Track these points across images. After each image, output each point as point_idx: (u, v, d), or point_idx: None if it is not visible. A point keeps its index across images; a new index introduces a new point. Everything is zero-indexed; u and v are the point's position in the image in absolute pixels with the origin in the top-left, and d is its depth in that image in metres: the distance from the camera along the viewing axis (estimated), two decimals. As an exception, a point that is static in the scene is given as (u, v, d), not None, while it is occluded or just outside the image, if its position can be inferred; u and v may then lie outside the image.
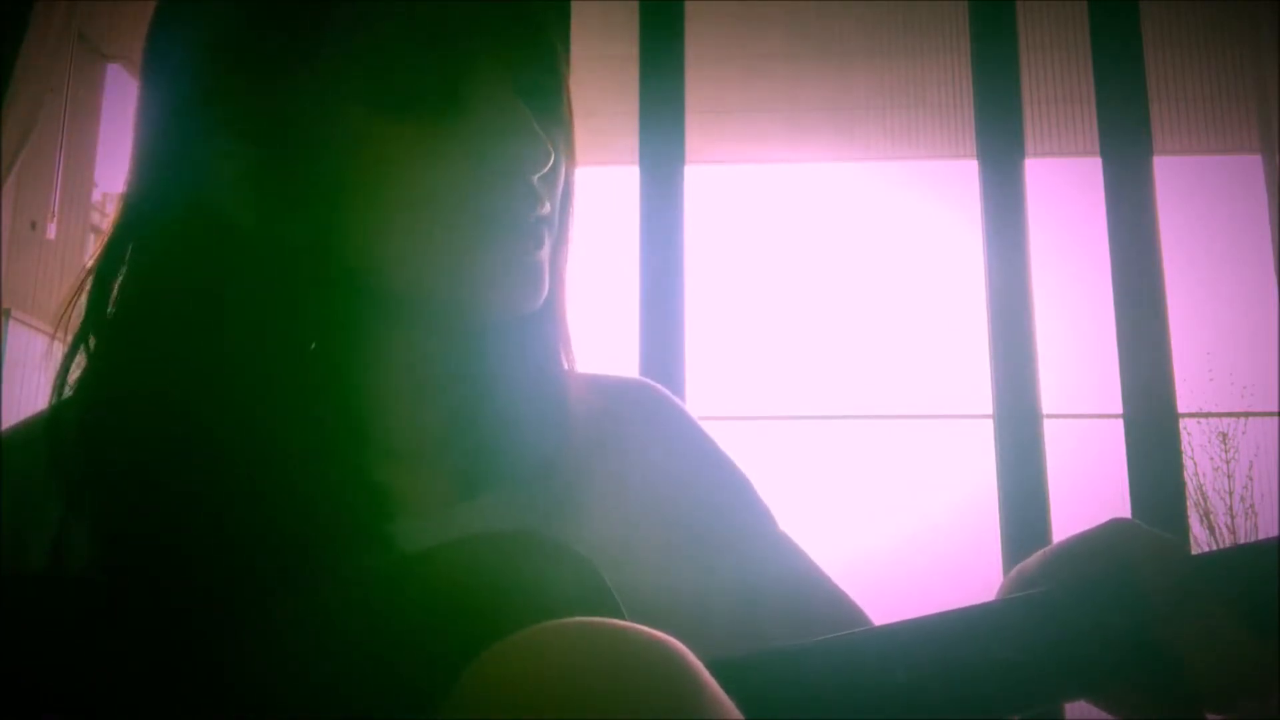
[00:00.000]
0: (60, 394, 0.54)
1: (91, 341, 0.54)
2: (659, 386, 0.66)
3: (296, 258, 0.53)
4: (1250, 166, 3.15)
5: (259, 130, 0.53)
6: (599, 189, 2.98)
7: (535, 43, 0.56)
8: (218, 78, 0.53)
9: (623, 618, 0.37)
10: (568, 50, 0.61)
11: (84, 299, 0.54)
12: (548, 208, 0.56)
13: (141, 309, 0.53)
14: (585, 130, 0.63)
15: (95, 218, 3.49)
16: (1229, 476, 3.45)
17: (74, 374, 0.54)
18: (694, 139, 2.80)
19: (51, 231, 3.19)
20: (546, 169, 0.55)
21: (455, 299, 0.54)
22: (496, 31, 0.55)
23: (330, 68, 0.52)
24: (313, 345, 0.53)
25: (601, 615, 0.34)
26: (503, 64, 0.55)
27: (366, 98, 0.52)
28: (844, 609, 0.63)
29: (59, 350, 0.54)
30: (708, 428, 0.67)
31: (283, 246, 0.53)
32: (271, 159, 0.53)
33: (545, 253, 0.56)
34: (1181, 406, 2.57)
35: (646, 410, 0.65)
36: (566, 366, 0.61)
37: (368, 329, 0.56)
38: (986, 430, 2.61)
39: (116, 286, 0.54)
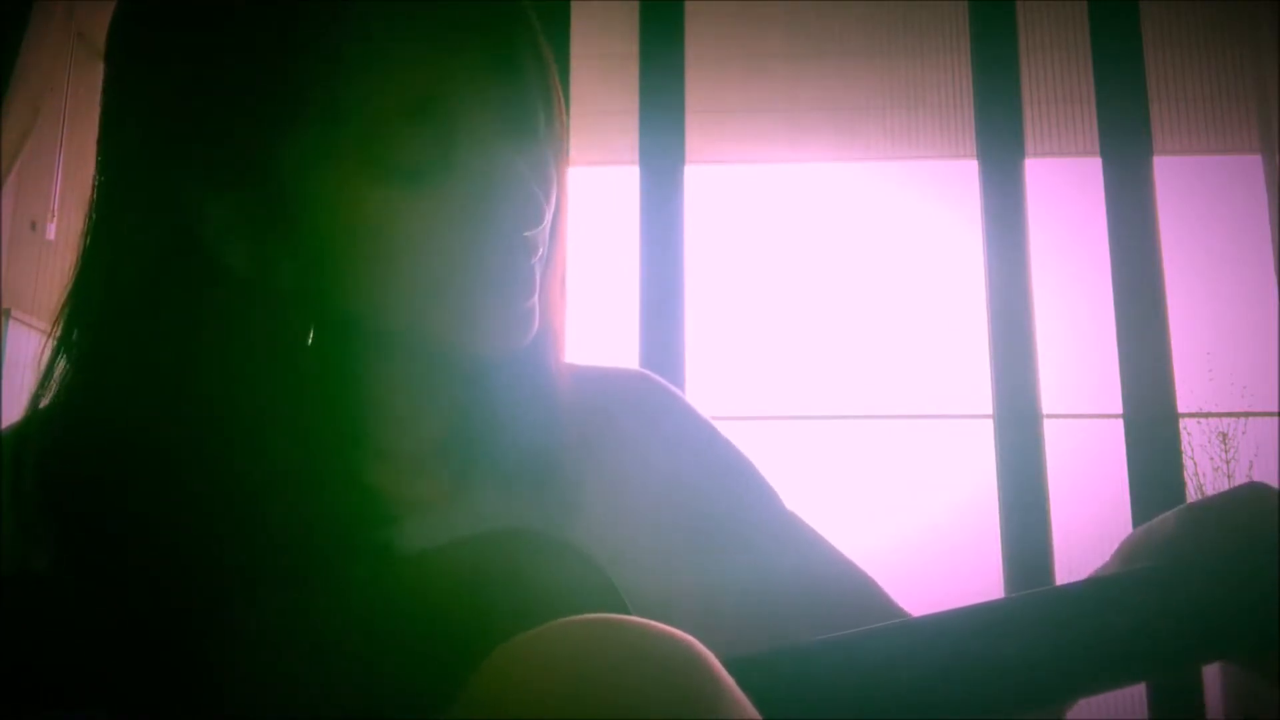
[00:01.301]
0: (35, 406, 0.54)
1: (77, 351, 0.53)
2: (656, 377, 0.66)
3: (287, 293, 0.52)
4: (1250, 166, 3.15)
5: (244, 185, 0.52)
6: (599, 189, 2.98)
7: (525, 87, 0.55)
8: (199, 133, 0.52)
9: (629, 615, 0.36)
10: (566, 50, 0.61)
11: (67, 309, 0.54)
12: (541, 252, 0.56)
13: (128, 326, 0.52)
14: (585, 130, 0.63)
15: (95, 218, 3.48)
16: (1229, 477, 3.45)
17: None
18: (694, 139, 2.80)
19: (51, 231, 3.19)
20: (541, 225, 0.54)
21: (447, 342, 0.54)
22: (485, 90, 0.53)
23: (316, 132, 0.51)
24: (303, 368, 0.53)
25: (607, 612, 0.34)
26: (492, 114, 0.53)
27: (353, 167, 0.51)
28: (860, 587, 0.62)
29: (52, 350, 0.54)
30: (707, 425, 0.67)
31: (274, 284, 0.52)
32: (260, 210, 0.52)
33: (535, 301, 0.56)
34: (1181, 406, 2.56)
35: (644, 404, 0.64)
36: (558, 365, 0.61)
37: (361, 351, 0.56)
38: (986, 430, 2.60)
39: (97, 311, 0.53)
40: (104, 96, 0.55)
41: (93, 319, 0.53)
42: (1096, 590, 0.46)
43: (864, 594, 0.63)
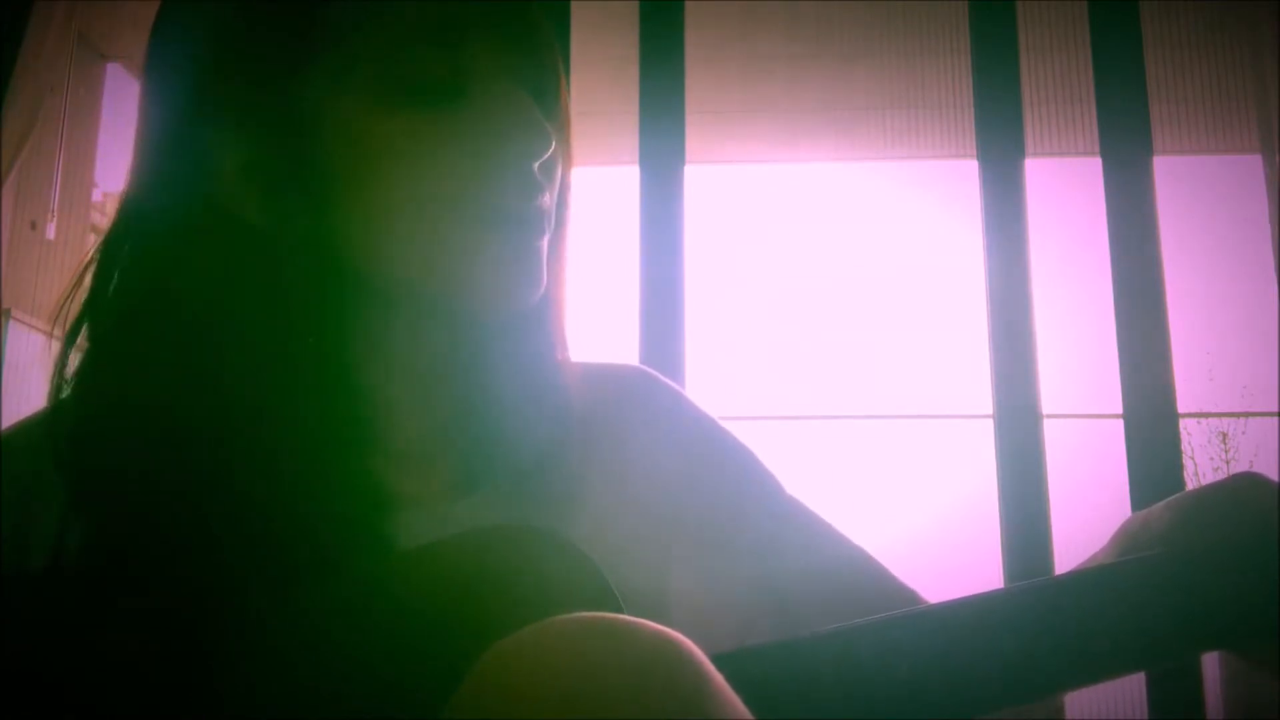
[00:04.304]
0: (58, 389, 0.54)
1: (88, 336, 0.54)
2: (653, 373, 0.66)
3: (300, 251, 0.53)
4: (1250, 166, 3.15)
5: (263, 123, 0.53)
6: (599, 189, 2.98)
7: (533, 38, 0.57)
8: (222, 71, 0.54)
9: (621, 612, 0.36)
10: (566, 50, 0.62)
11: (82, 294, 0.54)
12: (548, 198, 0.56)
13: (142, 304, 0.53)
14: (585, 130, 0.63)
15: (95, 218, 3.49)
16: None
17: (72, 367, 0.54)
18: (694, 139, 2.80)
19: (51, 231, 3.19)
20: (546, 156, 0.55)
21: (455, 291, 0.54)
22: (497, 25, 0.55)
23: (334, 60, 0.52)
24: (311, 340, 0.53)
25: (601, 610, 0.34)
26: (503, 57, 0.55)
27: (370, 89, 0.52)
28: (869, 570, 0.62)
29: (57, 347, 0.54)
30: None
31: (287, 240, 0.53)
32: (276, 152, 0.53)
33: (544, 242, 0.56)
34: (1181, 406, 2.56)
35: (644, 399, 0.65)
36: (562, 359, 0.61)
37: (368, 324, 0.56)
38: (986, 430, 2.61)
39: (116, 281, 0.54)
40: (145, 64, 0.57)
41: (116, 290, 0.54)
42: (1095, 579, 0.46)
43: (873, 577, 0.63)
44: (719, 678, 0.32)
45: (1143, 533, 0.51)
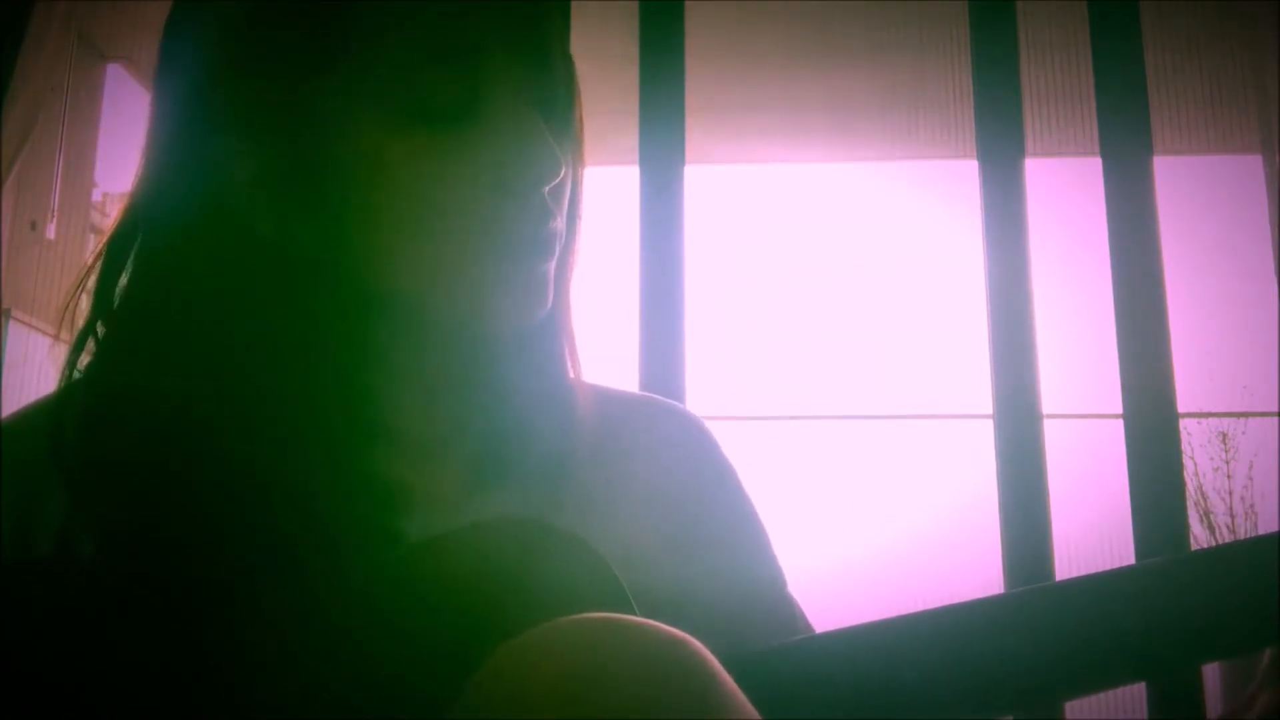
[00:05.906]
0: (66, 385, 0.54)
1: (98, 332, 0.54)
2: (691, 413, 0.65)
3: (307, 262, 0.53)
4: (1250, 166, 3.16)
5: (276, 133, 0.53)
6: (599, 189, 2.97)
7: (551, 58, 0.57)
8: (236, 79, 0.54)
9: (633, 612, 0.36)
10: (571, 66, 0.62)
11: (89, 293, 0.55)
12: (558, 222, 0.56)
13: (150, 304, 0.53)
14: (585, 130, 0.63)
15: (95, 218, 3.49)
16: (1229, 477, 3.46)
17: (80, 363, 0.54)
18: (694, 139, 2.80)
19: (51, 231, 3.19)
20: (557, 181, 0.55)
21: (459, 310, 0.54)
22: (515, 46, 0.55)
23: (349, 75, 0.52)
24: (317, 345, 0.53)
25: (612, 608, 0.34)
26: (520, 77, 0.55)
27: (384, 106, 0.52)
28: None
29: (61, 349, 0.54)
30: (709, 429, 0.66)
31: (294, 251, 0.53)
32: (286, 163, 0.53)
33: (552, 264, 0.56)
34: (1181, 406, 2.57)
35: (669, 434, 0.63)
36: (573, 373, 0.61)
37: (373, 334, 0.56)
38: (986, 430, 2.61)
39: (123, 281, 0.54)
40: (157, 67, 0.57)
41: (122, 294, 0.54)
42: (1099, 586, 0.46)
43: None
44: (728, 678, 0.32)
45: None
